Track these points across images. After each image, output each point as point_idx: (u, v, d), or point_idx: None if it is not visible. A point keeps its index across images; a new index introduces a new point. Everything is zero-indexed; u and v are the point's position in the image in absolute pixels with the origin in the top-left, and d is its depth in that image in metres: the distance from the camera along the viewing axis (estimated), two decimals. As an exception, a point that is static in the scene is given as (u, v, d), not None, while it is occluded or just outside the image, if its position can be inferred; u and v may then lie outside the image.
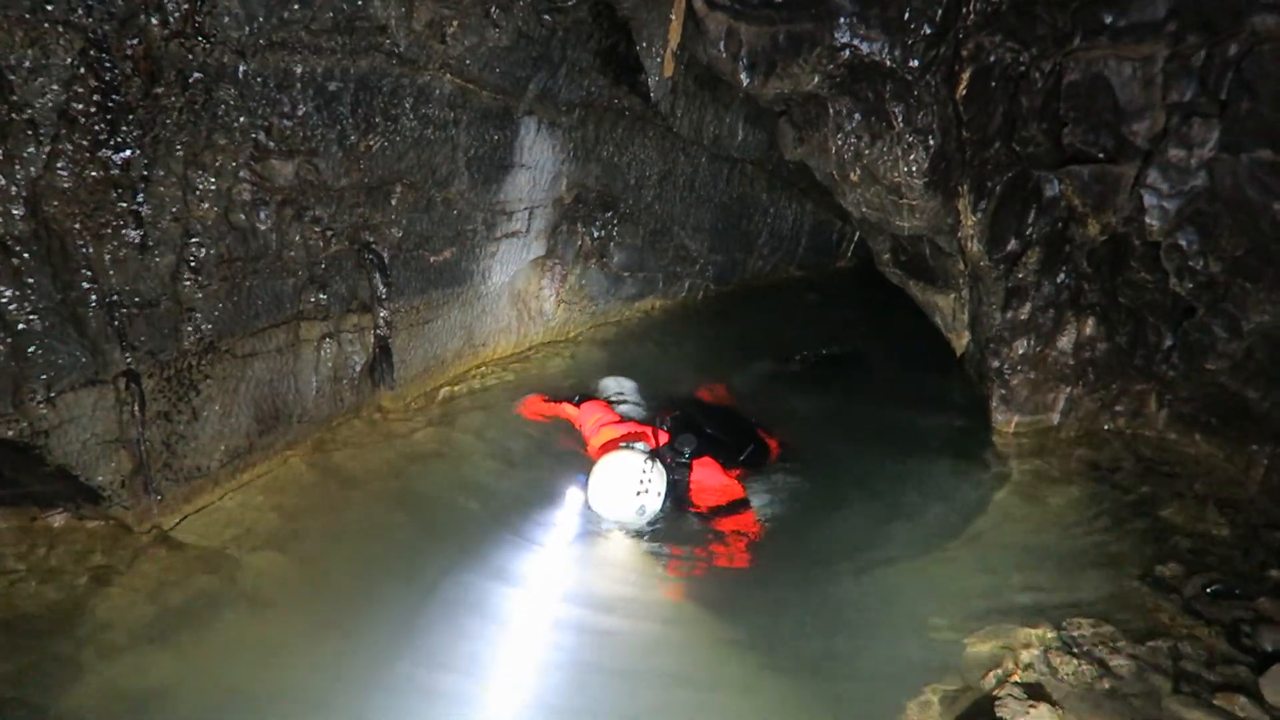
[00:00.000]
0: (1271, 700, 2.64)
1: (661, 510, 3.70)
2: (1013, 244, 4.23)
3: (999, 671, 2.88)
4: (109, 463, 3.19)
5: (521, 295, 5.39)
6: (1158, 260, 3.94)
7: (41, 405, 2.92)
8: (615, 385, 4.90)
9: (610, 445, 3.93)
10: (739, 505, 3.87)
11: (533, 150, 4.85)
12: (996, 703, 2.66)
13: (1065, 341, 4.45)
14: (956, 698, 2.81)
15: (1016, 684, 2.78)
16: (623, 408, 4.52)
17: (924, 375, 5.80)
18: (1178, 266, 3.87)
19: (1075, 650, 2.96)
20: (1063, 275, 4.26)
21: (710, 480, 3.85)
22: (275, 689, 2.86)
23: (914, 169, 3.87)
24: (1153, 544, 3.70)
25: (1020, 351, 4.51)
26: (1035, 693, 2.70)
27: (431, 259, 4.48)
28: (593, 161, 5.37)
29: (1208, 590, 3.29)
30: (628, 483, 3.59)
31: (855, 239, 8.34)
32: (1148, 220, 3.87)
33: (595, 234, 5.65)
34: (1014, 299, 4.39)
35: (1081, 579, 3.50)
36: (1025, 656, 2.94)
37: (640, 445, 3.85)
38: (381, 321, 4.30)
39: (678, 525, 3.80)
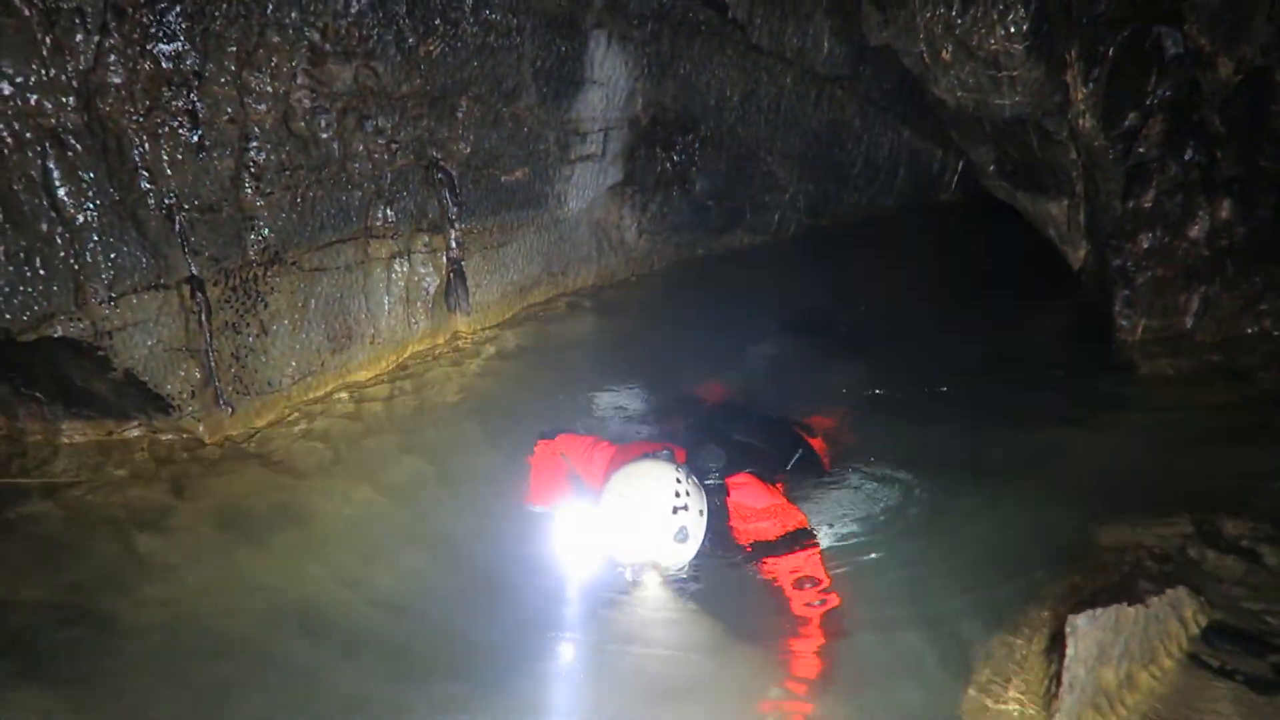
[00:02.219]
0: None
1: (704, 543, 2.52)
2: (1131, 116, 3.72)
3: (1128, 560, 2.51)
4: (177, 371, 3.17)
5: (601, 224, 5.19)
6: (1305, 97, 3.37)
7: (104, 305, 2.91)
8: None
9: (621, 460, 2.70)
10: (800, 536, 2.66)
11: (604, 65, 4.64)
12: (1120, 586, 2.30)
13: (1197, 230, 3.89)
14: (1079, 587, 2.46)
15: (1147, 571, 2.41)
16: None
17: (1034, 302, 5.26)
18: (1332, 96, 3.31)
19: (1219, 544, 2.57)
20: (1190, 151, 3.72)
21: (754, 502, 2.69)
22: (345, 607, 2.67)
23: (1013, 30, 3.44)
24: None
25: (1145, 245, 3.98)
26: (1171, 579, 2.32)
27: (503, 178, 4.32)
28: (669, 79, 5.11)
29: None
30: (661, 495, 2.41)
31: (959, 169, 7.78)
32: (1293, 36, 3.29)
33: (675, 159, 5.38)
34: (1135, 183, 3.88)
35: (1224, 482, 3.06)
36: (1159, 550, 2.56)
37: (663, 454, 2.59)
38: (453, 242, 4.18)
39: (721, 576, 2.65)
